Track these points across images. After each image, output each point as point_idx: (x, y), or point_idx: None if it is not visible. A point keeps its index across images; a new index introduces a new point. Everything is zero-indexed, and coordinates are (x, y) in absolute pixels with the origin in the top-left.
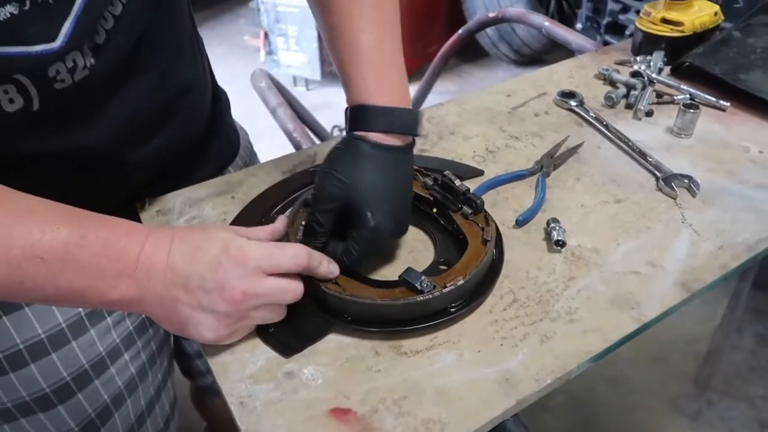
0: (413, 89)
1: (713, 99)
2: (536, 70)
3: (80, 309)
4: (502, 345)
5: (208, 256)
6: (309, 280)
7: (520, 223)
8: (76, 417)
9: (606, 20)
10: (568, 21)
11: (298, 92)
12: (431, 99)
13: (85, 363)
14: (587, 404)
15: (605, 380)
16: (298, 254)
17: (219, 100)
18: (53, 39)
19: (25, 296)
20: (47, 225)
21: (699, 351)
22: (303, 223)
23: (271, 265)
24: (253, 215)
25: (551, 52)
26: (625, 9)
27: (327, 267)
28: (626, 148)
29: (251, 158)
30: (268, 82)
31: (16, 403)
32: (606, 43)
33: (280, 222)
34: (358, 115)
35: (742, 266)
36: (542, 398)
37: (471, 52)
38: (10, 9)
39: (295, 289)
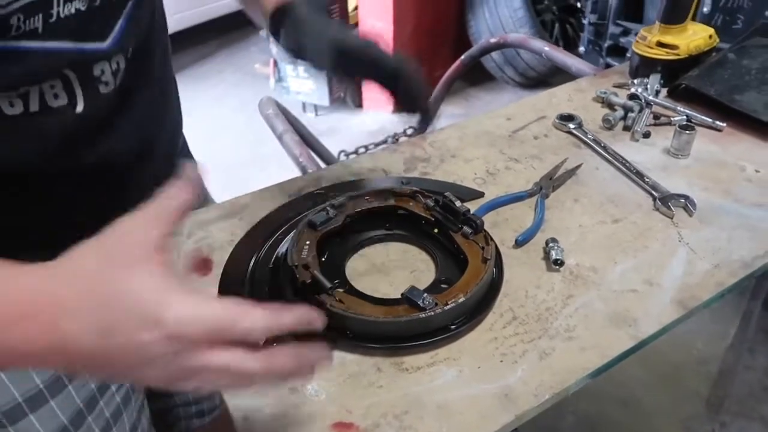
0: None
1: (709, 120)
2: (537, 93)
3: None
4: (501, 361)
5: (125, 338)
6: (313, 299)
7: (519, 243)
8: None
9: (607, 43)
10: (572, 44)
11: (307, 118)
12: (439, 123)
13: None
14: (598, 426)
15: (616, 402)
16: (256, 320)
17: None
18: (105, 38)
19: None
20: None
21: (711, 371)
22: (308, 243)
23: (221, 337)
24: (258, 236)
25: (556, 74)
26: (626, 32)
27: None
28: (624, 169)
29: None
30: (275, 109)
31: None
32: (608, 66)
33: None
34: None
35: (739, 284)
36: (553, 419)
37: (477, 76)
38: (78, 5)
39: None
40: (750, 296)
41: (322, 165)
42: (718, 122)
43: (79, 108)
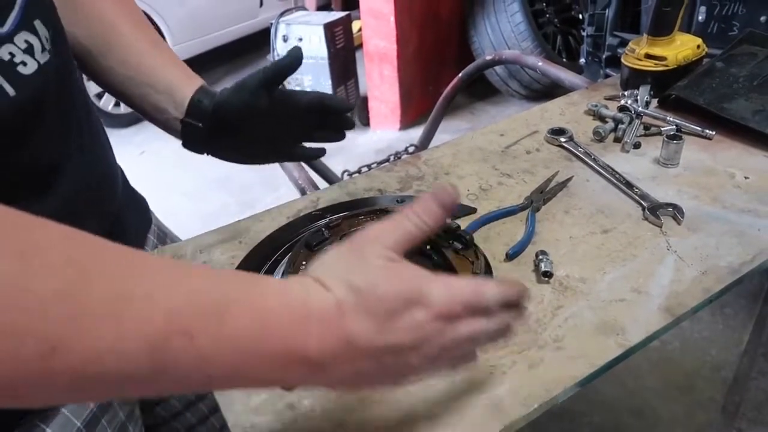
0: (422, 130)
1: (699, 129)
2: (530, 108)
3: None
4: (491, 372)
5: (402, 322)
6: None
7: (510, 257)
8: None
9: (606, 54)
10: (575, 56)
11: None
12: (444, 138)
13: None
14: None
15: (631, 411)
16: (500, 292)
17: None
18: (3, 24)
19: (161, 388)
20: (188, 289)
21: (725, 378)
22: (304, 263)
23: (475, 306)
24: (257, 258)
25: (560, 87)
26: (623, 43)
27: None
28: (614, 180)
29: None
30: None
31: None
32: (607, 76)
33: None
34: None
35: (726, 290)
36: (569, 430)
37: (483, 90)
38: None
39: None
40: (763, 301)
41: (321, 187)
42: (707, 131)
43: (11, 93)
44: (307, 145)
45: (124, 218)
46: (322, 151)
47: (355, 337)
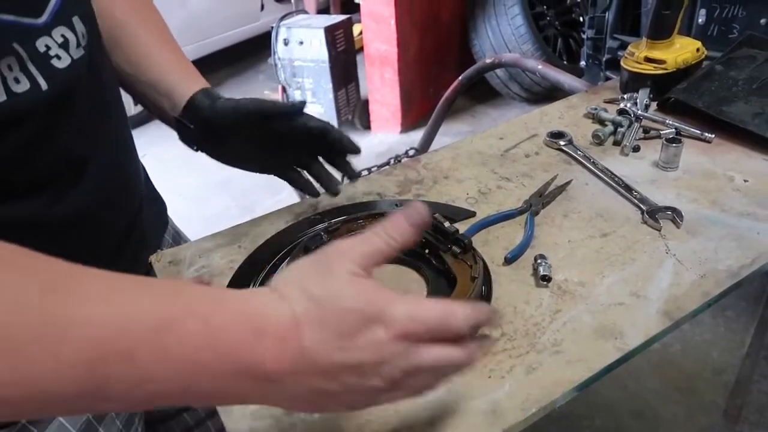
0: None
1: (698, 132)
2: (530, 111)
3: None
4: (489, 377)
5: (363, 340)
6: None
7: (509, 261)
8: None
9: (606, 57)
10: (576, 58)
11: None
12: (446, 141)
13: None
14: None
15: (632, 414)
16: (468, 316)
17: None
18: (40, 15)
19: (105, 406)
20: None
21: (727, 381)
22: None
23: (440, 331)
24: (257, 263)
25: (561, 89)
26: (623, 46)
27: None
28: (613, 183)
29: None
30: None
31: None
32: (608, 79)
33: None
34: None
35: (725, 293)
36: None
37: (484, 93)
38: None
39: (458, 356)
40: (765, 304)
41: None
42: (707, 134)
43: (44, 86)
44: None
45: (144, 215)
46: (315, 192)
47: (312, 351)
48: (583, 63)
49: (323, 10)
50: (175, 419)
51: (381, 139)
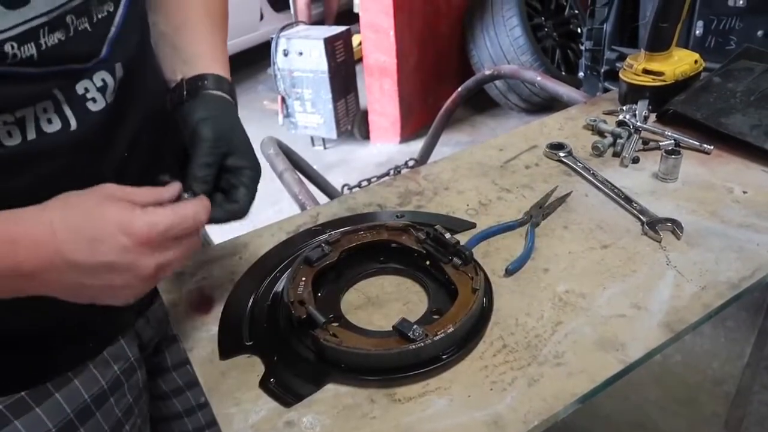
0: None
1: (697, 143)
2: (530, 123)
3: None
4: (491, 389)
5: (109, 244)
6: (308, 334)
7: (510, 272)
8: None
9: (604, 68)
10: (574, 69)
11: (316, 151)
12: (445, 151)
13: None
14: None
15: (632, 426)
16: (198, 213)
17: None
18: (89, 60)
19: None
20: None
21: (728, 392)
22: (303, 279)
23: (176, 232)
24: (257, 274)
25: (560, 100)
26: (621, 57)
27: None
28: (612, 194)
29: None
30: (275, 149)
31: None
32: (606, 90)
33: (168, 190)
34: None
35: (726, 305)
36: None
37: (483, 103)
38: (59, 36)
39: (196, 242)
40: (765, 314)
41: (326, 200)
42: (705, 145)
43: (73, 127)
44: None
45: None
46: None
47: (66, 251)
48: (581, 74)
49: (316, 22)
50: (176, 422)
51: (380, 149)
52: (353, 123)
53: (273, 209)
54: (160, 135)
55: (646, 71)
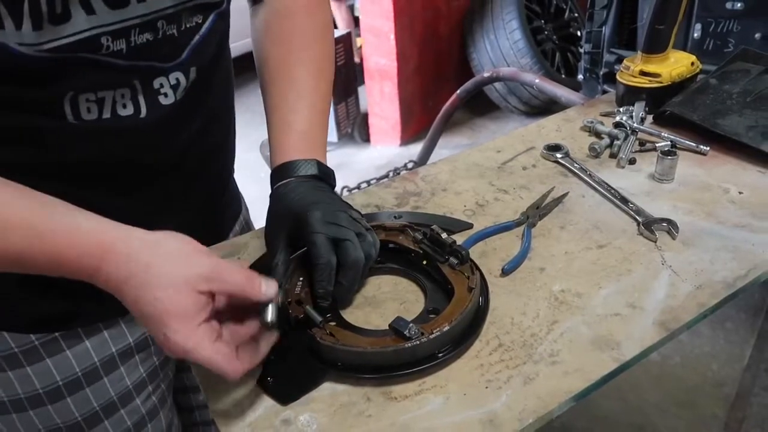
0: (421, 146)
1: (693, 144)
2: (528, 125)
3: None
4: (487, 387)
5: (147, 325)
6: (305, 331)
7: (506, 272)
8: None
9: (603, 71)
10: (574, 72)
11: None
12: (445, 153)
13: (114, 395)
14: None
15: (632, 427)
16: (229, 371)
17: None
18: (171, 61)
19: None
20: (33, 237)
21: (728, 394)
22: (301, 279)
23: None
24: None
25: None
26: (620, 59)
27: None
28: (609, 195)
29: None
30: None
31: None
32: (605, 92)
33: (261, 288)
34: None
35: (720, 304)
36: None
37: (483, 106)
38: (147, 36)
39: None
40: (765, 315)
41: None
42: (702, 146)
43: (143, 114)
44: None
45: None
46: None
47: (123, 293)
48: (580, 77)
49: None
50: (199, 411)
51: (380, 151)
52: (354, 126)
53: None
54: (221, 137)
55: (643, 73)
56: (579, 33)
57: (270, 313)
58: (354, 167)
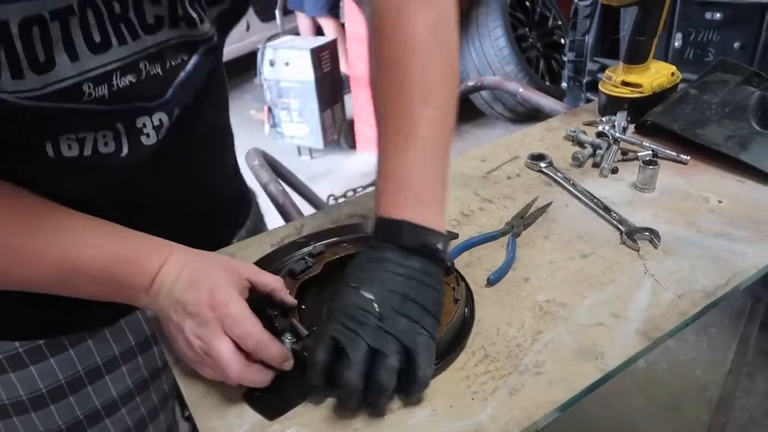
0: None
1: (674, 154)
2: (512, 134)
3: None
4: (473, 399)
5: (196, 294)
6: (294, 350)
7: (491, 282)
8: None
9: (586, 79)
10: (558, 79)
11: (302, 161)
12: None
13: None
14: None
15: None
16: (268, 348)
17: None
18: (153, 101)
19: (71, 293)
20: (91, 245)
21: (711, 398)
22: (287, 291)
23: (237, 331)
24: None
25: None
26: (603, 68)
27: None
28: (592, 204)
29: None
30: (260, 160)
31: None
32: (589, 101)
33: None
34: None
35: (701, 313)
36: None
37: (469, 112)
38: (130, 78)
39: (236, 375)
40: (746, 319)
41: (312, 211)
42: (683, 156)
43: (124, 153)
44: None
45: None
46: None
47: (175, 287)
48: (564, 85)
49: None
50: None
51: (366, 158)
52: (339, 132)
53: None
54: (212, 158)
55: (625, 83)
56: (563, 41)
57: (288, 341)
58: (340, 174)
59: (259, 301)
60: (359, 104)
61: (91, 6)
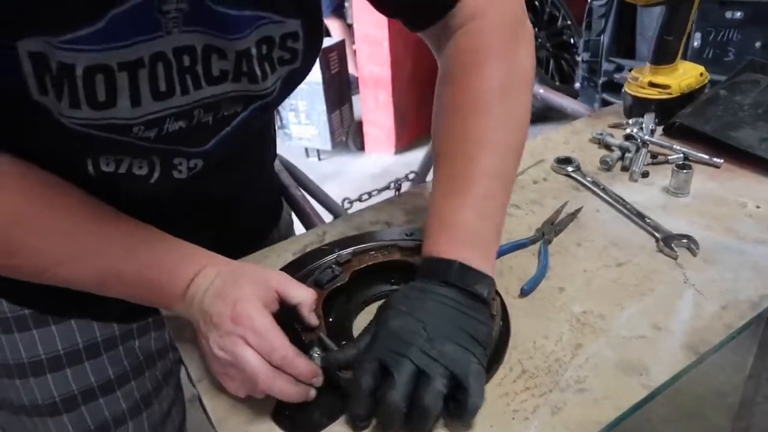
0: (421, 153)
1: (706, 157)
2: (534, 137)
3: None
4: (513, 418)
5: (220, 305)
6: (323, 366)
7: (525, 293)
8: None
9: (602, 80)
10: (568, 80)
11: (311, 162)
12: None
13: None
14: None
15: None
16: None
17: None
18: (197, 148)
19: (109, 294)
20: (129, 250)
21: (732, 403)
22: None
23: (260, 345)
24: None
25: (554, 109)
26: (619, 68)
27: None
28: (624, 210)
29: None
30: (277, 165)
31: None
32: (604, 101)
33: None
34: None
35: (747, 325)
36: None
37: None
38: (181, 124)
39: (266, 387)
40: (765, 324)
41: (328, 216)
42: (715, 159)
43: (154, 179)
44: None
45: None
46: None
47: (205, 297)
48: (577, 85)
49: None
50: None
51: (375, 160)
52: (348, 134)
53: None
54: (243, 182)
55: (652, 84)
56: (572, 41)
57: (317, 356)
58: (349, 176)
59: (288, 314)
60: (367, 105)
61: (162, 60)
